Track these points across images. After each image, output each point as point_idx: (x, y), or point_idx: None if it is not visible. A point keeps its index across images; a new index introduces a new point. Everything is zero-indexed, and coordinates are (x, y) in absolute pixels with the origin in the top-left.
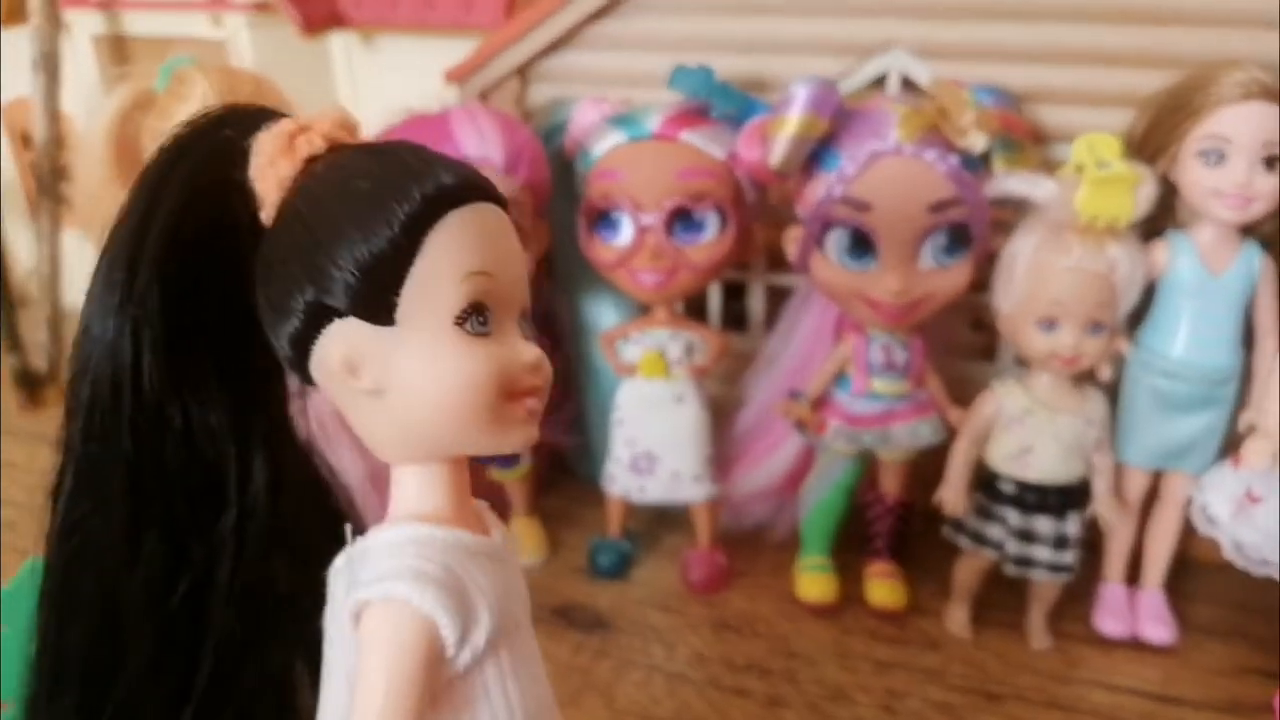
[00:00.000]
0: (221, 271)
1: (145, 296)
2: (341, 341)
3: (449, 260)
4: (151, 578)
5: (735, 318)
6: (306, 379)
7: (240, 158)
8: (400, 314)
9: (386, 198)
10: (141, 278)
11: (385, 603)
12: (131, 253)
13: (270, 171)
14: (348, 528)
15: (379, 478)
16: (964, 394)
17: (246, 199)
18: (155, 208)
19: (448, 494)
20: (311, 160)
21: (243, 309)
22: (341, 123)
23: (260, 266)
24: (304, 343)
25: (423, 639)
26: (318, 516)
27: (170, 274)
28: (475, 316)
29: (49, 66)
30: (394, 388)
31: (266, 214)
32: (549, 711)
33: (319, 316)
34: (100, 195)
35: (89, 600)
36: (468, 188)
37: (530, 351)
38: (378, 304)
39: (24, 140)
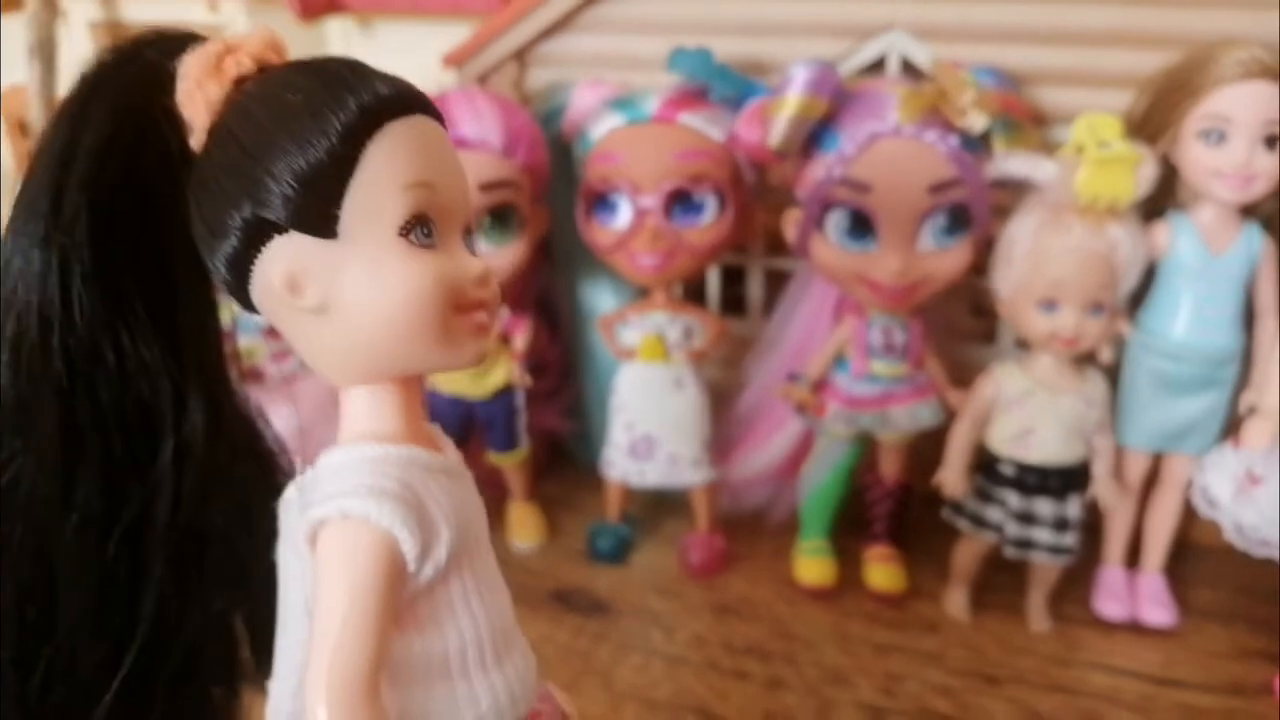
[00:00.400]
0: (151, 200)
1: (73, 226)
2: (283, 258)
3: (389, 170)
4: (87, 519)
5: (734, 302)
6: (247, 303)
7: (166, 82)
8: (343, 226)
9: (323, 109)
10: (68, 207)
11: (342, 519)
12: (56, 181)
13: (198, 94)
14: (297, 460)
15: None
16: (965, 377)
17: (174, 124)
18: (79, 135)
19: (400, 413)
20: (240, 81)
21: (174, 240)
22: (270, 43)
23: (194, 190)
24: (243, 263)
25: (383, 554)
26: (253, 458)
27: (98, 203)
28: (419, 227)
29: (45, 53)
30: (339, 303)
31: (196, 139)
32: (511, 624)
33: (258, 233)
34: None
35: (21, 545)
36: (405, 99)
37: (476, 264)
38: (320, 216)
39: (21, 127)
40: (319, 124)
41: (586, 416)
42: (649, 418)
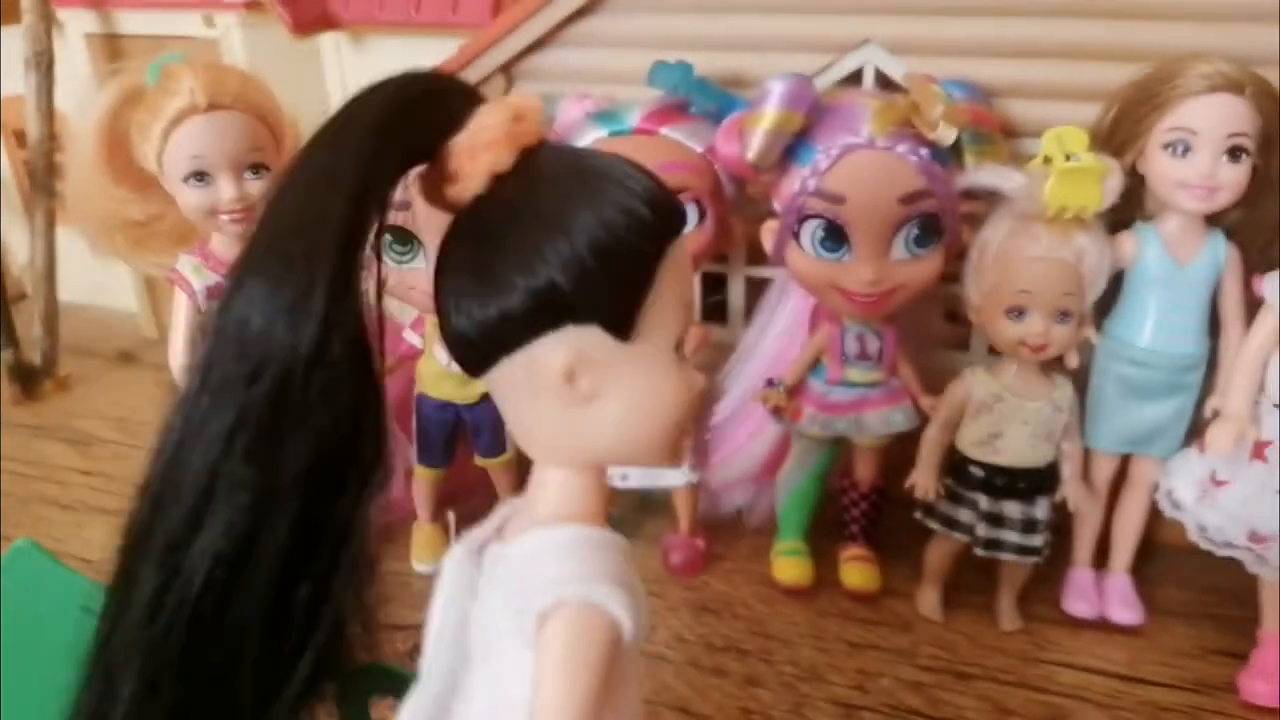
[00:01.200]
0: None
1: (336, 297)
2: (570, 345)
3: (674, 286)
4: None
5: (716, 309)
6: (467, 358)
7: (452, 130)
8: (637, 332)
9: (645, 217)
10: (356, 260)
11: (583, 605)
12: (345, 228)
13: (486, 155)
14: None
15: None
16: (940, 384)
17: (440, 170)
18: (375, 177)
19: (602, 498)
20: (527, 151)
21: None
22: (543, 116)
23: (472, 247)
24: (514, 332)
25: (613, 642)
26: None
27: (359, 264)
28: (679, 344)
29: (42, 65)
30: (610, 400)
31: (460, 190)
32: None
33: (554, 314)
34: (89, 190)
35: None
36: (683, 217)
37: (700, 378)
38: (625, 319)
39: (18, 137)
40: (640, 234)
41: None
42: None
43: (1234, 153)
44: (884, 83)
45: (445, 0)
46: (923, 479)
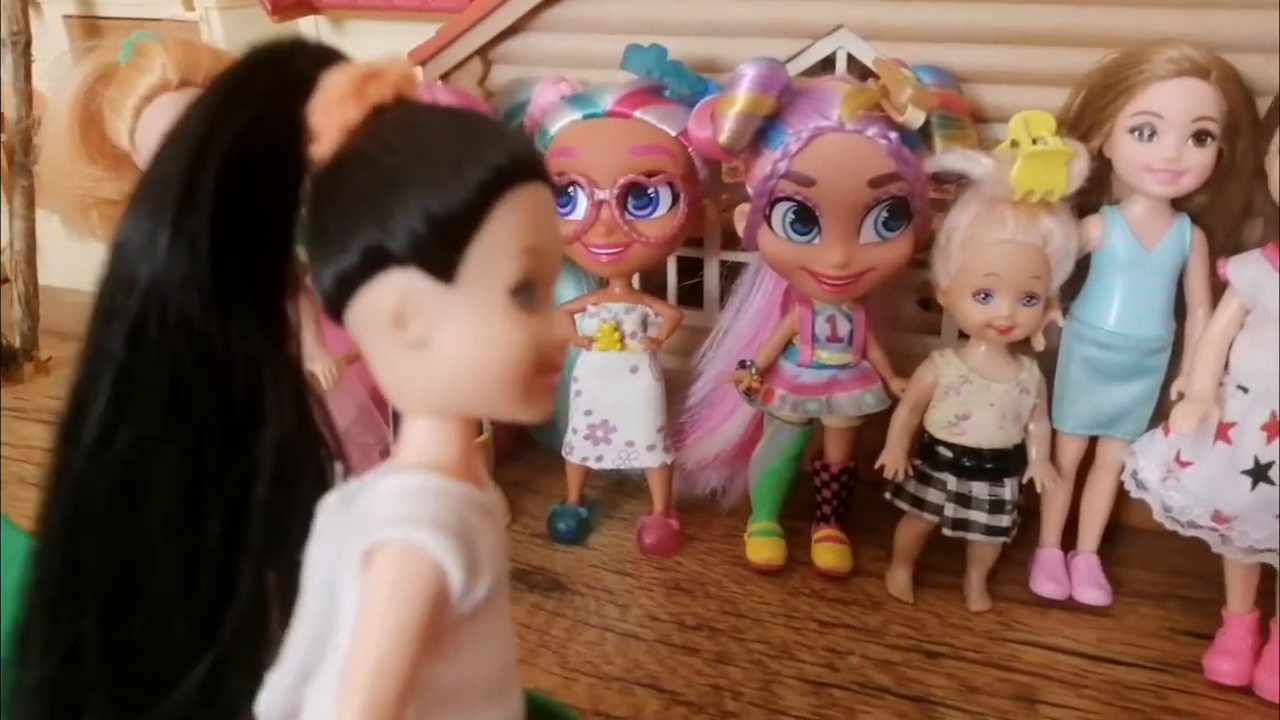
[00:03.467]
0: (267, 199)
1: (200, 215)
2: (395, 290)
3: (511, 232)
4: (181, 493)
5: (692, 292)
6: (337, 316)
7: (305, 91)
8: (460, 275)
9: (466, 159)
10: (200, 197)
11: (402, 546)
12: (190, 168)
13: (337, 111)
14: (339, 467)
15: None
16: (912, 367)
17: (298, 129)
18: (217, 129)
19: (459, 449)
20: (378, 108)
21: (281, 239)
22: (407, 76)
23: (316, 200)
24: (351, 282)
25: (432, 586)
26: (314, 449)
27: (226, 196)
28: (525, 291)
29: (18, 45)
30: (438, 344)
31: (320, 149)
32: (513, 661)
33: (377, 260)
34: (64, 167)
35: (111, 512)
36: (534, 165)
37: (561, 329)
38: (443, 261)
39: None
40: (458, 173)
41: None
42: (606, 404)
43: (1199, 137)
44: (857, 70)
45: None
46: (892, 460)
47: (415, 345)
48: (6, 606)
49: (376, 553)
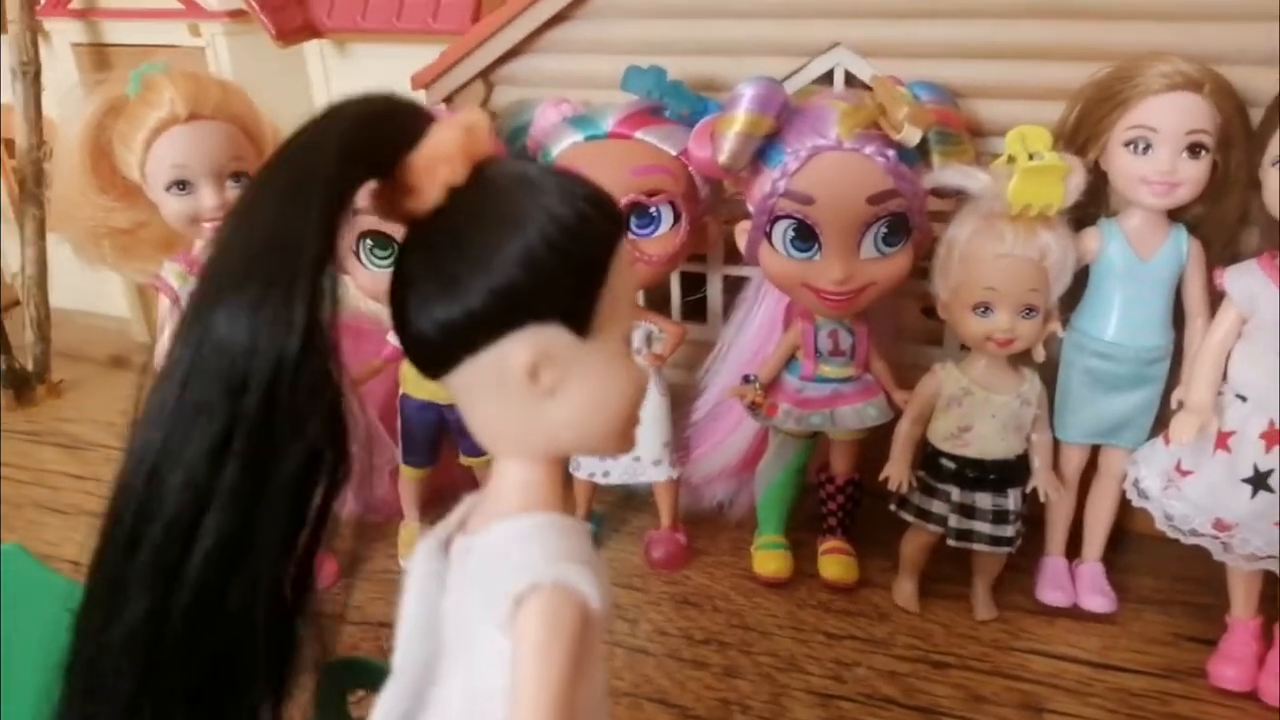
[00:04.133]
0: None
1: (304, 300)
2: (532, 345)
3: (623, 281)
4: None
5: (696, 307)
6: (438, 369)
7: (397, 147)
8: (594, 328)
9: (589, 212)
10: (307, 285)
11: (554, 587)
12: (304, 258)
13: (444, 169)
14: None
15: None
16: (916, 378)
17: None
18: (328, 213)
19: (561, 487)
20: (480, 164)
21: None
22: (489, 129)
23: (428, 257)
24: (478, 340)
25: (582, 619)
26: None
27: (330, 278)
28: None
29: (28, 74)
30: (567, 394)
31: (419, 203)
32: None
33: (515, 317)
34: (75, 198)
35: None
36: (623, 218)
37: (646, 371)
38: (585, 316)
39: (8, 147)
40: (585, 228)
41: None
42: None
43: (1193, 149)
44: (855, 85)
45: (426, 8)
46: (895, 472)
47: (545, 396)
48: (20, 631)
49: (530, 597)
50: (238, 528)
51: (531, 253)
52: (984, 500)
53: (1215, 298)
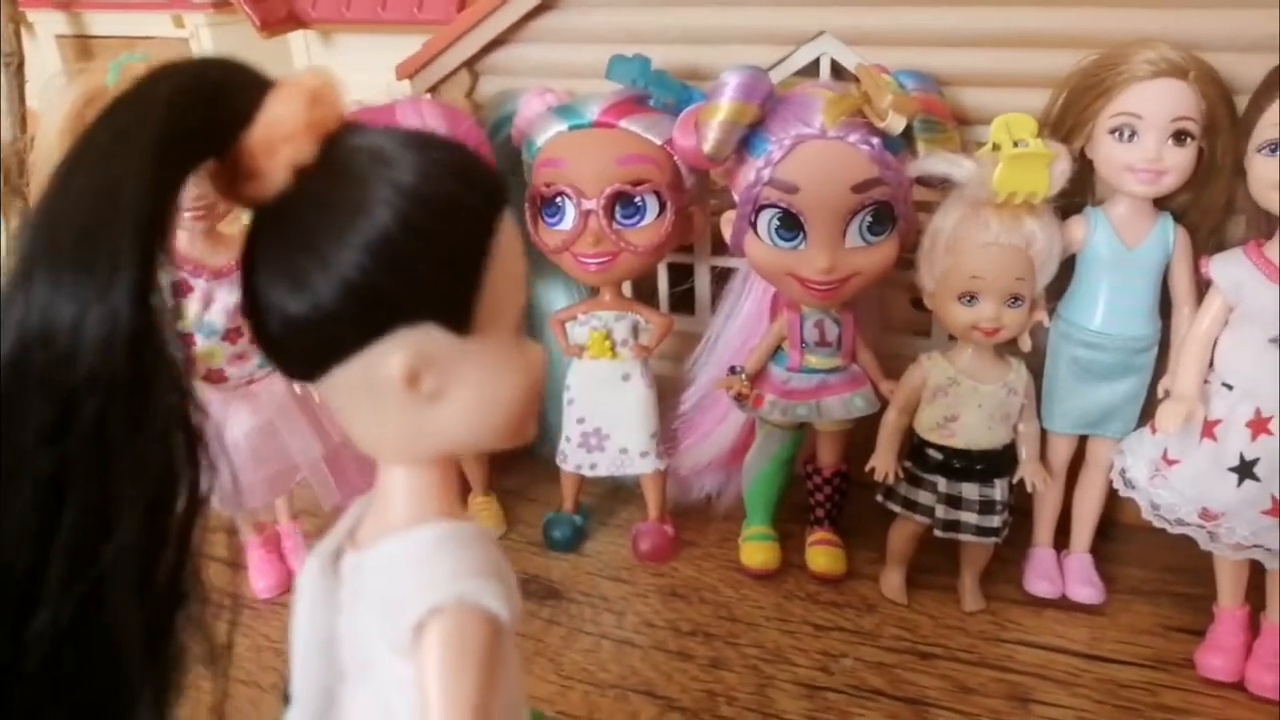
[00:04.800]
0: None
1: (127, 284)
2: (409, 350)
3: (508, 266)
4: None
5: (683, 298)
6: (307, 377)
7: (231, 123)
8: (476, 322)
9: (461, 194)
10: (130, 264)
11: (457, 607)
12: (125, 233)
13: (286, 149)
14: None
15: (336, 459)
16: (904, 369)
17: (236, 171)
18: (154, 184)
19: (454, 490)
20: (329, 137)
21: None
22: (336, 90)
23: (276, 253)
24: (344, 349)
25: (492, 635)
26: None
27: (150, 257)
28: (521, 320)
29: (11, 65)
30: (457, 397)
31: (262, 188)
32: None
33: (383, 322)
34: None
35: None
36: (503, 191)
37: (543, 352)
38: (461, 311)
39: None
40: (457, 212)
41: (543, 412)
42: (598, 412)
43: (1179, 136)
44: (840, 74)
45: None
46: (882, 462)
47: (427, 401)
48: None
49: (430, 622)
50: (83, 536)
51: (386, 241)
52: (971, 491)
53: (1201, 286)
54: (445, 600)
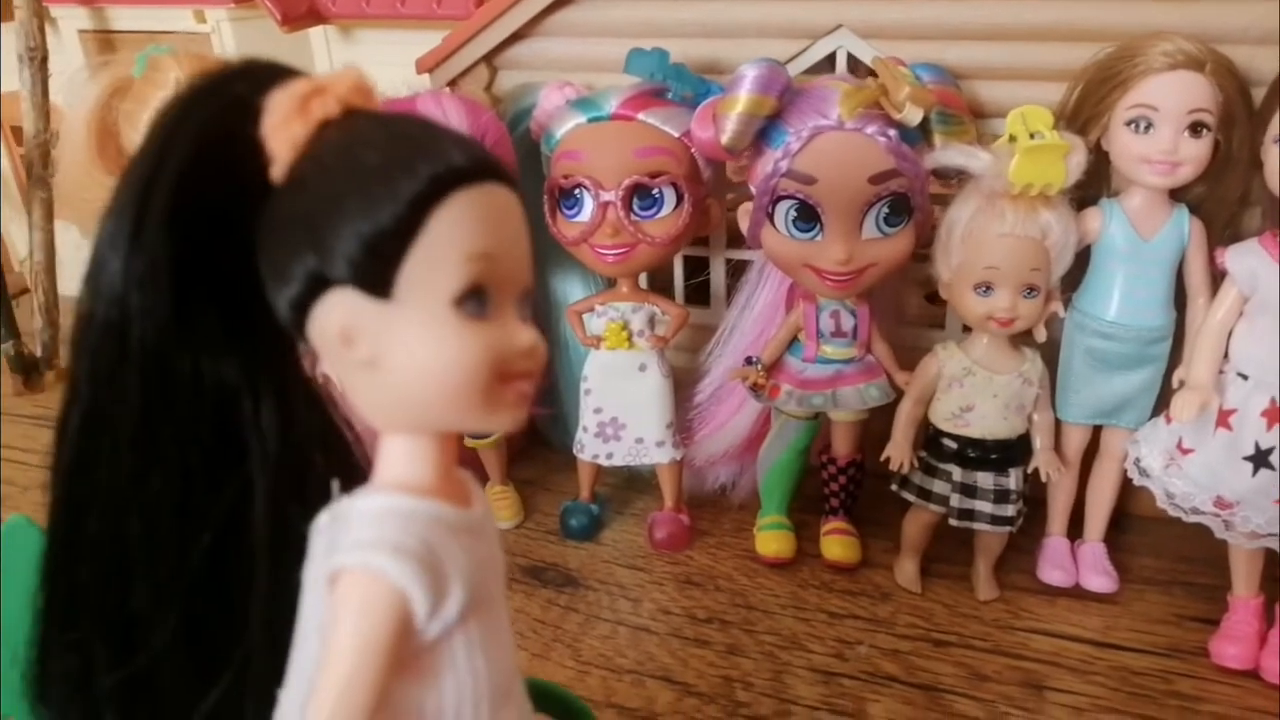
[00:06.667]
0: (230, 225)
1: (154, 246)
2: (339, 311)
3: (452, 241)
4: (161, 520)
5: (698, 291)
6: (306, 341)
7: (253, 114)
8: (399, 289)
9: (394, 173)
10: (150, 227)
11: (363, 571)
12: (140, 202)
13: (283, 131)
14: (334, 484)
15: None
16: (917, 360)
17: (258, 155)
18: (165, 159)
19: (433, 466)
20: (326, 124)
21: (251, 264)
22: (358, 86)
23: (264, 227)
24: (303, 308)
25: (394, 611)
26: (334, 467)
27: (179, 225)
28: (473, 299)
29: (35, 60)
30: (387, 361)
31: (277, 172)
32: (514, 681)
33: (318, 284)
34: (82, 180)
35: (96, 539)
36: (476, 167)
37: (526, 335)
38: (378, 278)
39: (16, 134)
40: (389, 188)
41: (560, 402)
42: (615, 402)
43: (1195, 128)
44: (857, 69)
45: None
46: (897, 452)
47: (366, 364)
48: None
49: (340, 577)
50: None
51: (315, 220)
52: (985, 480)
53: (1217, 277)
54: (353, 564)
